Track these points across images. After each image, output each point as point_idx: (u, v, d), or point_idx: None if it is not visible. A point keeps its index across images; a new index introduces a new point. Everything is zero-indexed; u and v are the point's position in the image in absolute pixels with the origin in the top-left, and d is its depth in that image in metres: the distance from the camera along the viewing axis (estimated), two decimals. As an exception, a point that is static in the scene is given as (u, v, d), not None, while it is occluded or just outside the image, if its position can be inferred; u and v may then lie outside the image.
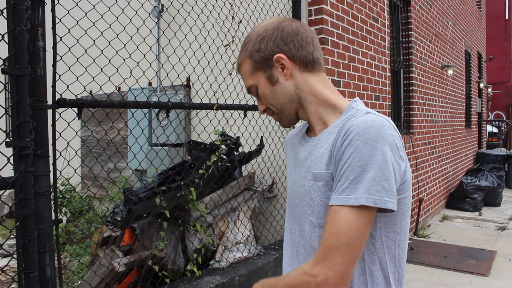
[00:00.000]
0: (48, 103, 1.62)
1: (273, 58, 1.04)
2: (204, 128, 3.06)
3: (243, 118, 2.98)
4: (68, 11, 1.81)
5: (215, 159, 2.83)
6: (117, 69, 2.15)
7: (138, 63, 2.32)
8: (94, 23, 1.97)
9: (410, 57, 5.36)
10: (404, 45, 5.36)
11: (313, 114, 1.08)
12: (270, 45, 1.04)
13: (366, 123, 0.92)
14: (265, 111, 1.11)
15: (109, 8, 2.13)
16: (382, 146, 0.90)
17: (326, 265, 0.89)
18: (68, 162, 1.99)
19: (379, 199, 0.89)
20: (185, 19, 2.78)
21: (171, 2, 2.97)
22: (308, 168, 1.05)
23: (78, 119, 1.83)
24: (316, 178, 1.00)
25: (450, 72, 6.80)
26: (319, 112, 1.07)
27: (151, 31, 2.52)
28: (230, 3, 3.50)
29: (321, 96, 1.07)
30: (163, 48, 3.64)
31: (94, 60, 2.06)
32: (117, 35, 2.17)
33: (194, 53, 2.92)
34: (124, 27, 2.18)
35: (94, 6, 2.07)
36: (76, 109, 1.84)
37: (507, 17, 16.46)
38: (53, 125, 1.72)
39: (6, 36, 1.45)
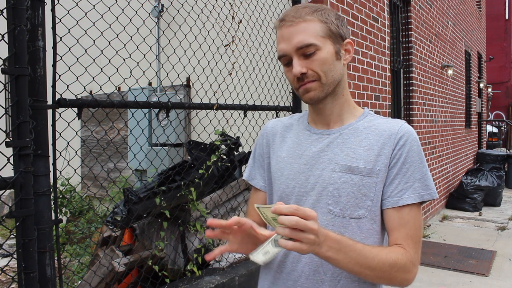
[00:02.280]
0: (48, 103, 1.61)
1: (344, 40, 1.09)
2: (204, 128, 3.06)
3: (243, 118, 2.98)
4: (68, 11, 1.81)
5: (215, 159, 2.83)
6: (117, 69, 2.15)
7: (138, 63, 2.32)
8: (94, 23, 1.97)
9: (410, 57, 5.36)
10: (404, 45, 5.36)
11: (337, 107, 1.12)
12: (345, 28, 1.10)
13: (413, 132, 1.08)
14: (304, 74, 1.04)
15: (109, 8, 2.13)
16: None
17: (418, 255, 1.05)
18: (68, 162, 1.99)
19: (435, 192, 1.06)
20: (185, 19, 2.78)
21: (171, 2, 2.97)
22: (332, 160, 1.07)
23: (78, 119, 1.83)
24: (352, 172, 1.04)
25: (450, 72, 6.80)
26: (342, 107, 1.13)
27: (151, 31, 2.51)
28: (230, 3, 3.50)
29: (348, 95, 1.15)
30: (163, 48, 3.63)
31: (94, 60, 2.06)
32: (117, 35, 2.16)
33: (194, 53, 2.92)
34: (124, 27, 2.18)
35: (94, 6, 2.07)
36: (76, 109, 1.83)
37: (507, 17, 16.45)
38: (53, 125, 1.72)
39: (6, 36, 1.45)
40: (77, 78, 1.85)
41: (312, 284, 1.05)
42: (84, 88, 2.04)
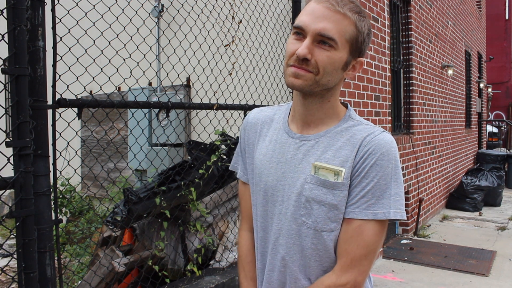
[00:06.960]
0: (48, 103, 1.62)
1: (359, 57, 1.04)
2: (204, 128, 3.06)
3: (243, 118, 2.98)
4: (68, 11, 1.81)
5: (215, 159, 2.83)
6: (117, 69, 2.15)
7: (138, 63, 2.32)
8: (94, 23, 1.97)
9: (410, 57, 5.36)
10: (404, 45, 5.36)
11: (321, 112, 1.07)
12: (367, 46, 1.05)
13: (387, 143, 1.00)
14: (306, 60, 0.97)
15: (109, 8, 2.13)
16: (399, 164, 1.01)
17: (355, 272, 0.98)
18: (68, 162, 1.99)
19: (402, 212, 0.99)
20: (185, 19, 2.78)
21: (171, 2, 2.97)
22: (305, 170, 1.04)
23: (78, 119, 1.83)
24: (323, 185, 1.01)
25: (450, 72, 6.80)
26: (326, 112, 1.07)
27: (151, 31, 2.52)
28: (230, 3, 3.50)
29: (336, 101, 1.09)
30: (163, 48, 3.64)
31: (94, 60, 2.06)
32: (117, 35, 2.16)
33: (194, 53, 2.92)
34: (124, 27, 2.18)
35: (94, 6, 2.07)
36: (76, 109, 1.83)
37: (507, 17, 16.45)
38: (53, 125, 1.72)
39: (6, 36, 1.45)
40: (77, 78, 1.85)
41: None
42: (84, 88, 2.04)
